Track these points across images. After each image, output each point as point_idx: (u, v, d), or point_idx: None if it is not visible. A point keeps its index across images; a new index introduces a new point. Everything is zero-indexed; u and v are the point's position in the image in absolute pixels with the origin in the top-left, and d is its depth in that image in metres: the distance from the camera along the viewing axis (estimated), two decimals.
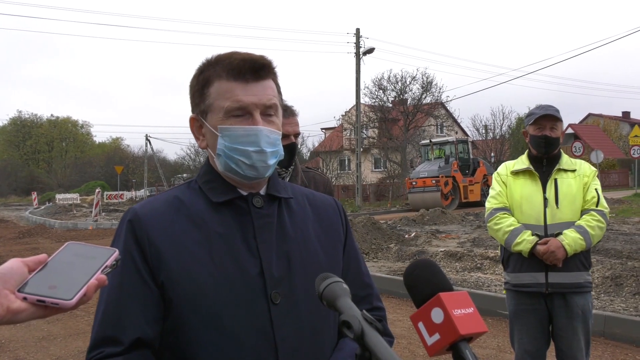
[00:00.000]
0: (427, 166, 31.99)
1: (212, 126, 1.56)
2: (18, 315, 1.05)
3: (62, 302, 1.07)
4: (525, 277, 3.86)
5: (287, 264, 1.56)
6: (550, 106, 3.95)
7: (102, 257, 1.18)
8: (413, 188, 30.81)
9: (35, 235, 22.07)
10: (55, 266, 1.13)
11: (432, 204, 26.61)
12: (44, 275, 1.11)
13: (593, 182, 3.90)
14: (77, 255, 1.17)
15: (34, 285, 1.08)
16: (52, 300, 1.07)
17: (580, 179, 3.88)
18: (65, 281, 1.10)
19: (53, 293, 1.07)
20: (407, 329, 7.34)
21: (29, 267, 1.11)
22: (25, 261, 1.11)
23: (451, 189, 30.18)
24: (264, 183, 1.63)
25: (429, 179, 30.05)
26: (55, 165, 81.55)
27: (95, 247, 1.21)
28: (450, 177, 30.12)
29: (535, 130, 3.90)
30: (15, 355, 6.83)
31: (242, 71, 1.52)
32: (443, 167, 30.60)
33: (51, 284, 1.09)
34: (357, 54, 35.33)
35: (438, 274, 1.23)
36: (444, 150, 32.94)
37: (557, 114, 3.87)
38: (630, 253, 11.06)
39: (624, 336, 6.59)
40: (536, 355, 3.89)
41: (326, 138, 60.57)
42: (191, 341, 1.47)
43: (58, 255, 1.16)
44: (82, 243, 1.22)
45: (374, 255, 13.07)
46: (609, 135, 59.59)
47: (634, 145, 32.72)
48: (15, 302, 1.05)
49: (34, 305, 1.07)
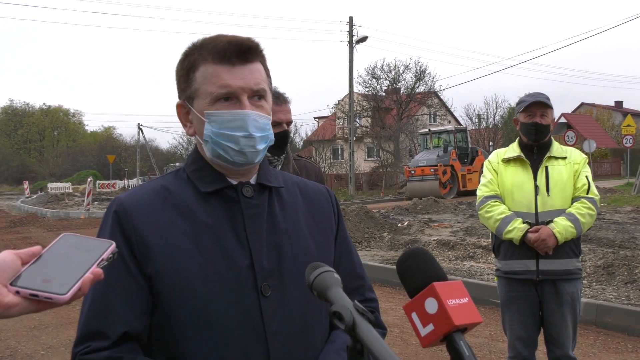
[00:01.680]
0: (425, 155, 32.05)
1: (198, 112, 1.52)
2: (10, 310, 1.01)
3: (56, 296, 1.02)
4: (516, 264, 3.88)
5: (278, 256, 1.52)
6: (540, 93, 3.96)
7: (99, 249, 1.13)
8: (412, 177, 30.87)
9: (27, 224, 22.02)
10: (50, 259, 1.09)
11: (431, 193, 26.72)
12: (38, 268, 1.06)
13: (584, 169, 3.91)
14: (73, 247, 1.12)
15: (27, 279, 1.04)
16: (45, 295, 1.02)
17: (571, 167, 3.89)
18: (59, 275, 1.06)
19: (47, 287, 1.03)
20: (400, 317, 7.34)
21: (22, 260, 1.06)
22: (18, 253, 1.06)
23: (449, 178, 30.22)
24: (254, 171, 1.59)
25: (427, 167, 30.11)
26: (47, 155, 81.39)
27: (91, 239, 1.17)
28: (449, 165, 30.17)
29: (526, 118, 3.90)
30: (7, 344, 6.80)
31: (227, 54, 1.48)
32: (442, 156, 30.65)
33: (45, 278, 1.04)
34: (350, 42, 35.26)
35: (432, 263, 1.20)
36: (443, 139, 33.01)
37: (547, 101, 3.88)
38: (622, 242, 11.11)
39: (616, 325, 6.62)
40: (527, 341, 3.92)
41: (319, 127, 60.54)
42: (179, 335, 1.44)
43: (53, 247, 1.12)
44: (77, 235, 1.17)
45: (367, 244, 13.08)
46: (602, 124, 59.73)
47: (626, 134, 32.81)
48: (7, 296, 1.01)
49: (27, 300, 1.02)
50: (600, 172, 44.89)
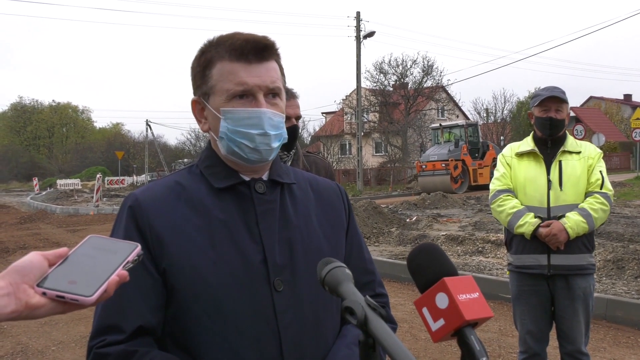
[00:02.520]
0: (437, 150, 32.12)
1: (214, 108, 1.53)
2: (37, 311, 1.02)
3: (82, 298, 1.03)
4: (528, 258, 3.86)
5: (290, 251, 1.54)
6: (556, 87, 3.91)
7: (124, 251, 1.14)
8: (423, 171, 30.96)
9: (37, 220, 22.09)
10: (76, 260, 1.10)
11: (442, 187, 26.77)
12: (64, 270, 1.07)
13: (598, 164, 3.87)
14: (98, 249, 1.13)
15: (53, 280, 1.05)
16: (71, 296, 1.03)
17: (585, 161, 3.86)
18: (85, 276, 1.07)
19: (73, 288, 1.04)
20: (409, 313, 7.35)
21: (49, 261, 1.07)
22: (45, 255, 1.08)
23: (460, 172, 30.19)
24: (266, 168, 1.61)
25: (438, 162, 30.18)
26: (56, 151, 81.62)
27: (117, 241, 1.18)
28: (460, 160, 30.18)
29: (541, 112, 3.87)
30: (18, 340, 6.86)
31: (244, 52, 1.49)
32: (453, 150, 30.69)
33: (71, 279, 1.05)
34: (357, 37, 35.12)
35: (442, 258, 1.20)
36: (454, 134, 33.03)
37: (562, 95, 3.84)
38: (632, 236, 11.06)
39: (626, 319, 6.60)
40: (538, 336, 3.91)
41: (327, 122, 60.44)
42: (193, 329, 1.45)
43: (79, 249, 1.13)
44: (103, 237, 1.19)
45: (375, 239, 13.08)
46: (611, 118, 59.41)
47: (635, 128, 32.57)
48: (34, 297, 1.02)
49: (53, 301, 1.03)
50: (610, 165, 44.65)
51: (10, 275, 1.02)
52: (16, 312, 1.00)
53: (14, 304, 1.00)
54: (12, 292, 1.00)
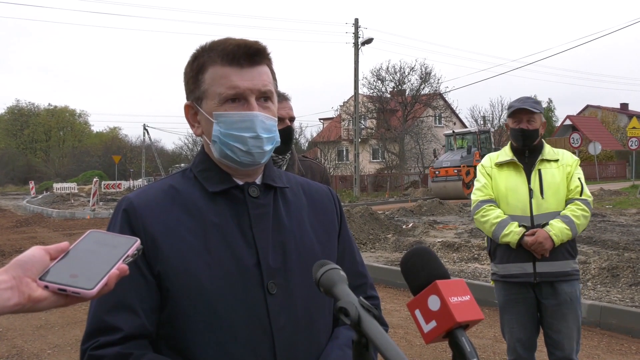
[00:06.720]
0: (449, 156, 32.68)
1: (207, 112, 1.55)
2: (39, 304, 1.04)
3: (83, 291, 1.05)
4: (513, 267, 3.88)
5: (283, 254, 1.55)
6: (528, 98, 3.97)
7: (124, 246, 1.16)
8: (436, 177, 31.44)
9: (33, 224, 22.03)
10: (77, 255, 1.12)
11: (454, 193, 27.11)
12: (66, 264, 1.09)
13: (576, 171, 3.93)
14: (99, 244, 1.16)
15: (55, 274, 1.07)
16: (73, 290, 1.05)
17: (564, 169, 3.91)
18: (86, 270, 1.09)
19: (74, 282, 1.06)
20: (404, 318, 7.36)
21: (50, 255, 1.09)
22: (47, 249, 1.10)
23: (472, 178, 30.40)
24: (259, 171, 1.63)
25: (451, 168, 30.72)
26: (52, 155, 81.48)
27: (117, 236, 1.21)
28: (472, 166, 30.48)
29: (513, 123, 3.95)
30: (13, 343, 6.84)
31: (236, 56, 1.51)
32: (465, 157, 31.15)
33: (72, 273, 1.07)
34: (355, 44, 35.24)
35: (435, 261, 1.22)
36: (467, 141, 33.38)
37: (534, 107, 3.88)
38: (627, 244, 11.10)
39: (620, 327, 6.62)
40: (527, 343, 3.92)
41: (324, 128, 60.50)
42: (187, 331, 1.47)
43: (80, 244, 1.15)
44: (104, 231, 1.21)
45: (372, 245, 13.09)
46: (607, 126, 59.54)
47: (631, 137, 32.67)
48: (36, 290, 1.04)
49: (55, 294, 1.06)
50: (606, 174, 44.74)
51: (13, 268, 1.04)
52: (19, 305, 1.02)
53: (17, 297, 1.02)
54: (15, 286, 1.02)
